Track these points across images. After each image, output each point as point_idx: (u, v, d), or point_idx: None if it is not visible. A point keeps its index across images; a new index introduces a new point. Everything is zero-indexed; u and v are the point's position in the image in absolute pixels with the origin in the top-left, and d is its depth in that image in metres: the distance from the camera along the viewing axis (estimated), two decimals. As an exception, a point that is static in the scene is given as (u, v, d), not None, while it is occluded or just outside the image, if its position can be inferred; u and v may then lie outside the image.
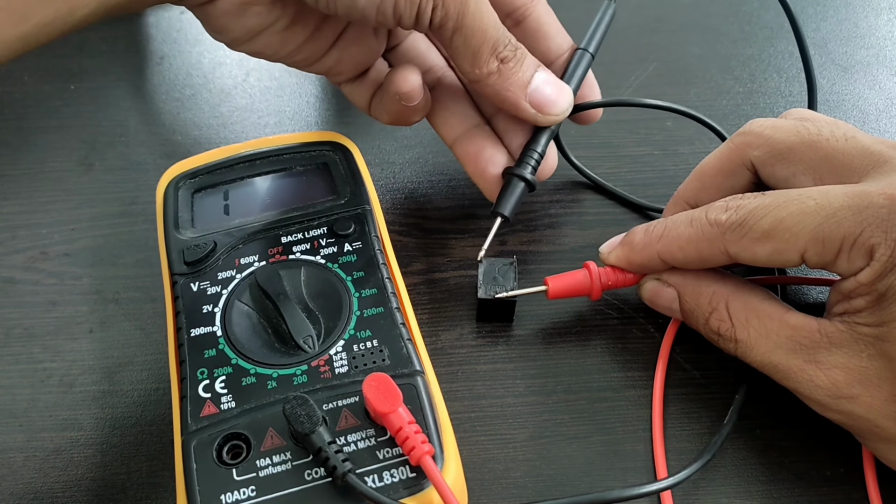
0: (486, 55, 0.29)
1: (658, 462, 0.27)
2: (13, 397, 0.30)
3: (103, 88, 0.43)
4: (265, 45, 0.29)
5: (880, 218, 0.24)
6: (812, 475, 0.27)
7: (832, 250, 0.25)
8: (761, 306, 0.27)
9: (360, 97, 0.33)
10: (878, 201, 0.24)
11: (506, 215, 0.31)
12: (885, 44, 0.45)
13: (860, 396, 0.25)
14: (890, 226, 0.24)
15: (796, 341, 0.26)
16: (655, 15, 0.48)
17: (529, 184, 0.32)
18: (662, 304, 0.30)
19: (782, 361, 0.26)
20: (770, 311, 0.27)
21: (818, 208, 0.25)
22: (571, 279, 0.30)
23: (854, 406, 0.25)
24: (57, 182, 0.38)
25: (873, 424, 0.25)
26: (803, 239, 0.25)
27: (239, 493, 0.23)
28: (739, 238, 0.26)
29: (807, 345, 0.26)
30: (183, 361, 0.26)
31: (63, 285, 0.34)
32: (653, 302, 0.30)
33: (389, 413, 0.23)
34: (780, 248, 0.25)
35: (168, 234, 0.30)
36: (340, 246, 0.29)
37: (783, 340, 0.26)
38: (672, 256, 0.28)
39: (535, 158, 0.32)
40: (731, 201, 0.27)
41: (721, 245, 0.27)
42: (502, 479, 0.28)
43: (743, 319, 0.27)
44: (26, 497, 0.27)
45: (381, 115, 0.33)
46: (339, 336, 0.27)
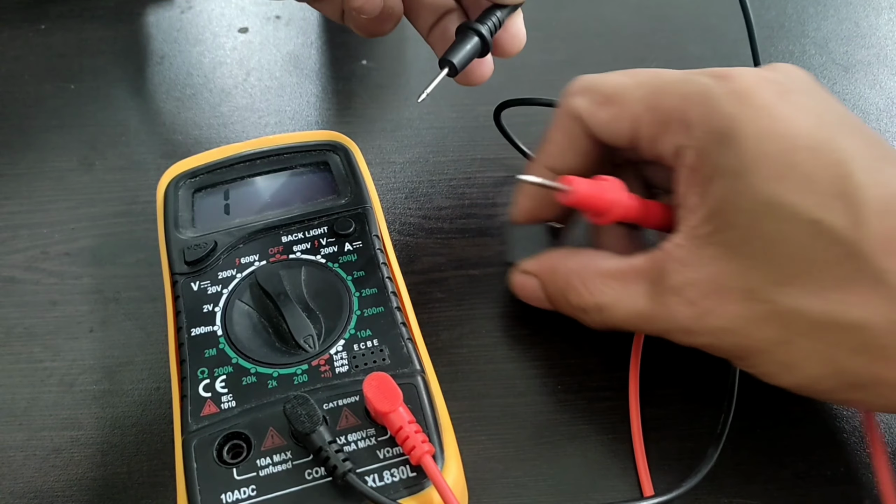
0: None
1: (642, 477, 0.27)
2: (13, 396, 0.30)
3: (104, 88, 0.43)
4: None
5: (699, 92, 0.25)
6: (812, 475, 0.27)
7: (659, 121, 0.26)
8: (611, 265, 0.27)
9: (331, 11, 0.32)
10: (701, 79, 0.25)
11: (453, 62, 0.29)
12: (886, 43, 0.45)
13: (717, 307, 0.24)
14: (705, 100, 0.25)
15: (647, 280, 0.25)
16: (655, 15, 0.48)
17: (483, 38, 0.30)
18: (531, 295, 0.30)
19: (642, 306, 0.26)
20: (618, 266, 0.27)
21: (654, 77, 0.27)
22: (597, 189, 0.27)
23: (716, 320, 0.24)
24: (57, 181, 0.38)
25: (738, 335, 0.24)
26: (638, 105, 0.26)
27: (239, 493, 0.23)
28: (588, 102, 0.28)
29: (658, 278, 0.25)
30: (183, 361, 0.26)
31: (63, 285, 0.34)
32: (523, 295, 0.30)
33: (390, 412, 0.23)
34: (619, 113, 0.27)
35: (168, 234, 0.30)
36: (341, 245, 0.30)
37: (639, 287, 0.26)
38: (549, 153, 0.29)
39: (493, 21, 0.30)
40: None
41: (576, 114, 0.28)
42: (502, 478, 0.28)
43: (599, 286, 0.27)
44: (26, 496, 0.27)
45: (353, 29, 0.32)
46: (339, 335, 0.27)
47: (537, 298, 0.30)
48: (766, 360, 0.24)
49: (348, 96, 0.43)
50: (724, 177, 0.24)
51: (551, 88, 0.42)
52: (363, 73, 0.44)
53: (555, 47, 0.45)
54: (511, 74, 0.33)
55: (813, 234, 0.23)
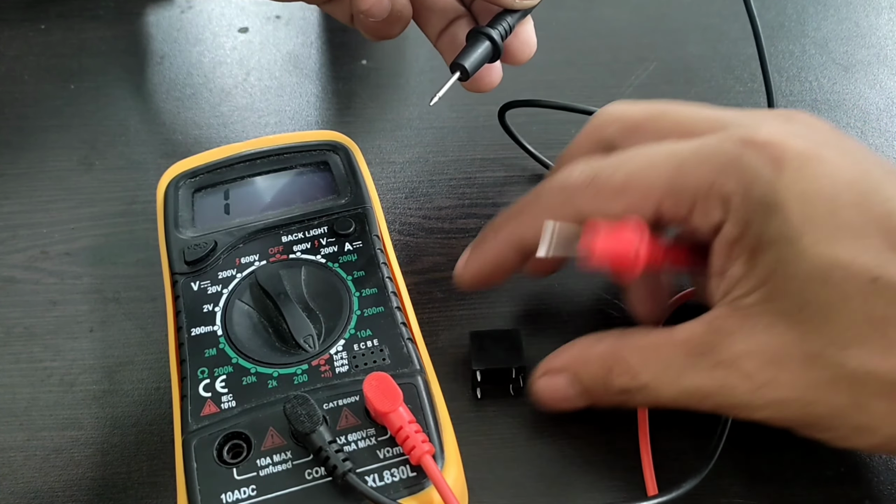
0: None
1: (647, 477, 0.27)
2: (13, 396, 0.30)
3: (104, 88, 0.43)
4: None
5: (730, 163, 0.23)
6: (812, 475, 0.27)
7: (687, 202, 0.24)
8: (648, 340, 0.25)
9: (341, 13, 0.32)
10: (727, 147, 0.24)
11: (464, 66, 0.29)
12: (886, 43, 0.45)
13: (777, 377, 0.23)
14: (741, 170, 0.23)
15: (694, 354, 0.24)
16: (655, 14, 0.48)
17: (494, 43, 0.30)
18: (561, 396, 0.27)
19: (691, 383, 0.24)
20: (658, 340, 0.25)
21: (669, 157, 0.24)
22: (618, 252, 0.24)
23: (777, 391, 0.23)
24: (57, 181, 0.38)
25: (804, 404, 0.23)
26: (658, 190, 0.24)
27: (239, 493, 0.23)
28: (592, 197, 0.25)
29: (704, 351, 0.24)
30: (183, 361, 0.26)
31: (63, 284, 0.34)
32: (552, 400, 0.27)
33: (390, 412, 0.23)
34: (634, 203, 0.24)
35: (168, 234, 0.30)
36: (341, 245, 0.29)
37: (682, 361, 0.24)
38: (522, 235, 0.27)
39: (504, 26, 0.30)
40: (580, 164, 0.26)
41: (573, 208, 0.25)
42: (503, 478, 0.28)
43: (641, 363, 0.25)
44: (26, 496, 0.27)
45: (362, 32, 0.32)
46: (339, 335, 0.27)
47: (567, 398, 0.27)
48: (839, 424, 0.23)
49: (348, 96, 0.43)
50: (772, 246, 0.23)
51: (551, 88, 0.42)
52: (363, 73, 0.44)
53: (555, 47, 0.45)
54: (511, 74, 0.33)
55: (874, 293, 0.22)
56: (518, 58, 0.31)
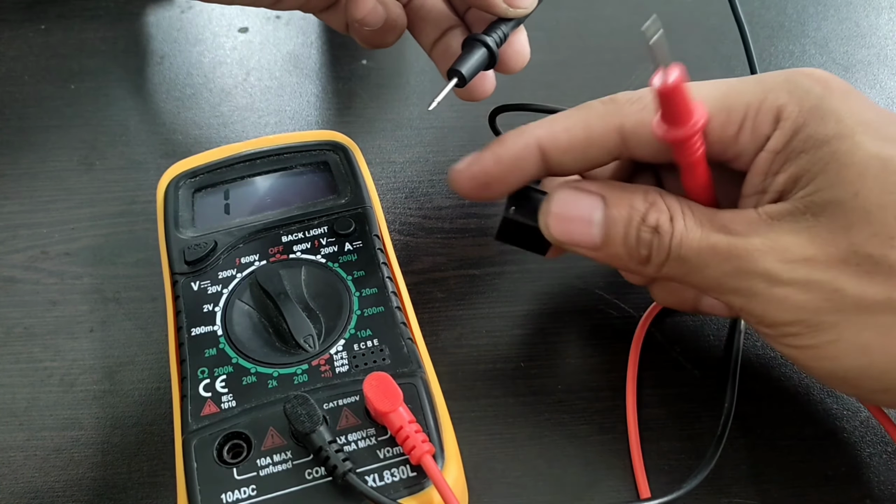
0: None
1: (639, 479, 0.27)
2: (13, 396, 0.30)
3: (104, 88, 0.43)
4: None
5: (781, 82, 0.24)
6: (812, 475, 0.27)
7: (736, 119, 0.24)
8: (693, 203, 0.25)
9: (336, 22, 0.32)
10: (773, 76, 0.25)
11: (461, 72, 0.29)
12: (887, 43, 0.45)
13: (815, 256, 0.22)
14: (794, 87, 0.24)
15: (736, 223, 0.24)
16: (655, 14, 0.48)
17: (490, 50, 0.30)
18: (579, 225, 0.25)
19: (723, 240, 0.23)
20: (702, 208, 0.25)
21: (720, 84, 0.25)
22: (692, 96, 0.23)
23: (811, 269, 0.22)
24: (57, 181, 0.38)
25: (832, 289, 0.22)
26: (708, 107, 0.24)
27: (239, 493, 0.23)
28: (639, 110, 0.25)
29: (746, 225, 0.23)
30: (183, 361, 0.26)
31: (63, 284, 0.34)
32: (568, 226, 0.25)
33: (390, 412, 0.23)
34: None
35: (168, 234, 0.30)
36: (341, 245, 0.29)
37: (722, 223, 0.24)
38: (555, 139, 0.26)
39: (498, 34, 0.30)
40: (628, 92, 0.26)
41: (615, 120, 0.25)
42: (503, 478, 0.28)
43: (681, 209, 0.24)
44: (26, 496, 0.27)
45: (357, 40, 0.32)
46: (339, 335, 0.27)
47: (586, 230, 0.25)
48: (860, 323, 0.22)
49: (348, 96, 0.43)
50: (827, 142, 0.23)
51: (551, 88, 0.42)
52: (363, 73, 0.44)
53: (555, 47, 0.45)
54: (509, 80, 0.33)
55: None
56: (511, 66, 0.32)
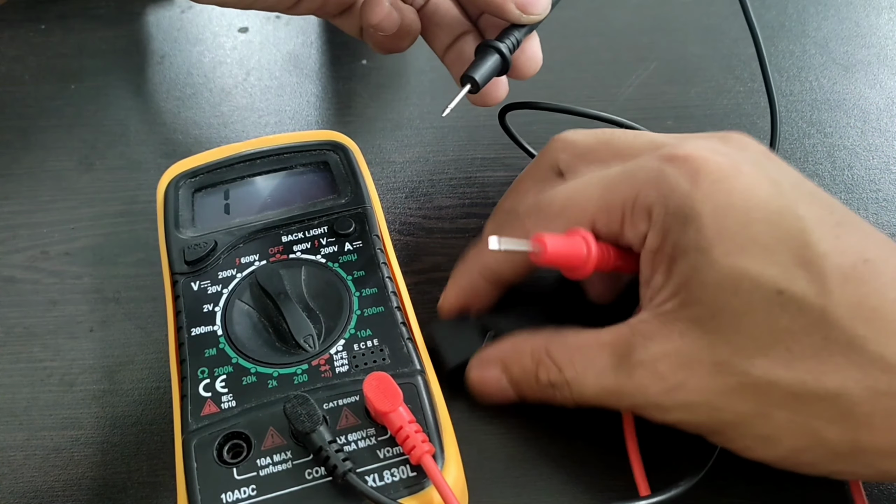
0: None
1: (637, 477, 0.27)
2: (13, 396, 0.30)
3: (104, 88, 0.43)
4: None
5: (651, 178, 0.25)
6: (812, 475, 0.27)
7: (616, 217, 0.26)
8: (578, 339, 0.26)
9: (350, 27, 0.33)
10: (650, 164, 0.25)
11: (475, 78, 0.30)
12: (887, 43, 0.45)
13: (688, 381, 0.23)
14: (659, 183, 0.25)
15: (616, 355, 0.25)
16: (655, 14, 0.48)
17: (503, 56, 0.30)
18: (494, 387, 0.28)
19: (610, 381, 0.25)
20: (586, 340, 0.26)
21: (599, 180, 0.27)
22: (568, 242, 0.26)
23: (686, 395, 0.24)
24: (57, 181, 0.38)
25: (711, 408, 0.23)
26: (590, 210, 0.26)
27: (239, 492, 0.23)
28: (535, 221, 0.27)
29: (625, 352, 0.25)
30: (183, 360, 0.26)
31: (63, 284, 0.34)
32: (484, 391, 0.28)
33: (390, 412, 0.23)
34: (573, 223, 0.27)
35: (169, 234, 0.30)
36: (341, 245, 0.29)
37: (605, 360, 0.25)
38: (485, 263, 0.29)
39: (512, 40, 0.31)
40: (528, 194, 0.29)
41: (521, 232, 0.27)
42: (503, 478, 0.28)
43: (566, 359, 0.26)
44: (26, 495, 0.27)
45: (371, 46, 0.32)
46: (339, 335, 0.27)
47: (500, 389, 0.28)
48: (743, 433, 0.24)
49: (348, 96, 0.43)
50: (687, 254, 0.24)
51: (551, 88, 0.42)
52: (363, 73, 0.44)
53: (555, 47, 0.45)
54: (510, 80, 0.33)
55: (779, 305, 0.23)
56: (524, 72, 0.32)
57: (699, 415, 0.24)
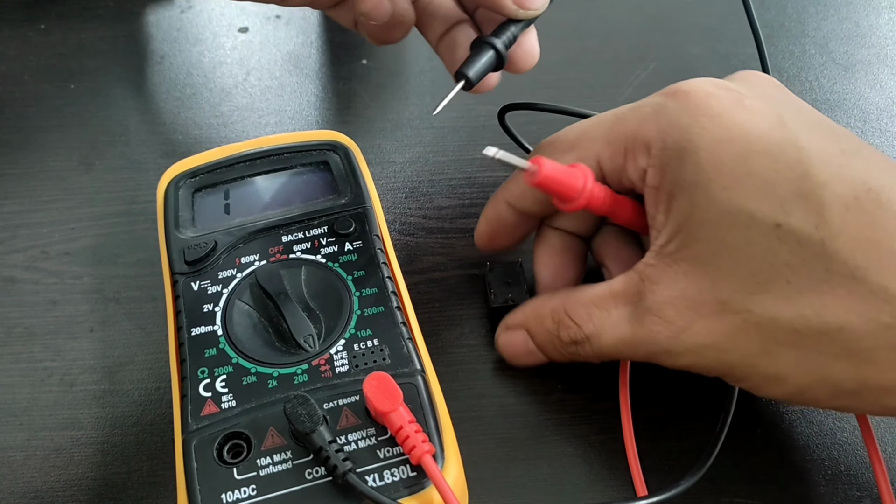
0: None
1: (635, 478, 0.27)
2: (13, 396, 0.30)
3: (104, 88, 0.43)
4: None
5: (653, 112, 0.25)
6: (812, 475, 0.27)
7: (620, 152, 0.25)
8: (592, 293, 0.26)
9: (345, 18, 0.32)
10: (653, 99, 0.25)
11: (468, 76, 0.29)
12: (886, 43, 0.45)
13: (694, 323, 0.23)
14: (660, 118, 0.24)
15: (629, 303, 0.25)
16: (655, 14, 0.48)
17: (498, 53, 0.30)
18: (520, 351, 0.29)
19: (625, 331, 0.25)
20: (600, 292, 0.26)
21: (610, 115, 0.27)
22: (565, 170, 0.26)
23: (694, 337, 0.23)
24: (57, 181, 0.38)
25: (719, 350, 0.23)
26: (598, 143, 0.26)
27: (239, 492, 0.23)
28: (550, 152, 0.27)
29: (636, 300, 0.25)
30: (183, 360, 0.26)
31: (63, 284, 0.34)
32: (513, 354, 0.29)
33: (390, 412, 0.23)
34: (581, 155, 0.26)
35: (169, 234, 0.30)
36: (341, 245, 0.30)
37: (619, 310, 0.25)
38: (510, 193, 0.29)
39: (508, 36, 0.30)
40: None
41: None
42: (503, 478, 0.28)
43: (584, 315, 0.26)
44: (27, 496, 0.27)
45: (366, 37, 0.32)
46: (339, 335, 0.27)
47: (527, 352, 0.28)
48: (752, 373, 0.24)
49: (348, 96, 0.43)
50: (685, 191, 0.23)
51: (551, 88, 0.42)
52: (363, 73, 0.44)
53: (555, 47, 0.45)
54: (511, 79, 0.33)
55: (777, 238, 0.22)
56: (521, 67, 0.32)
57: (708, 358, 0.24)
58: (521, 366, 0.29)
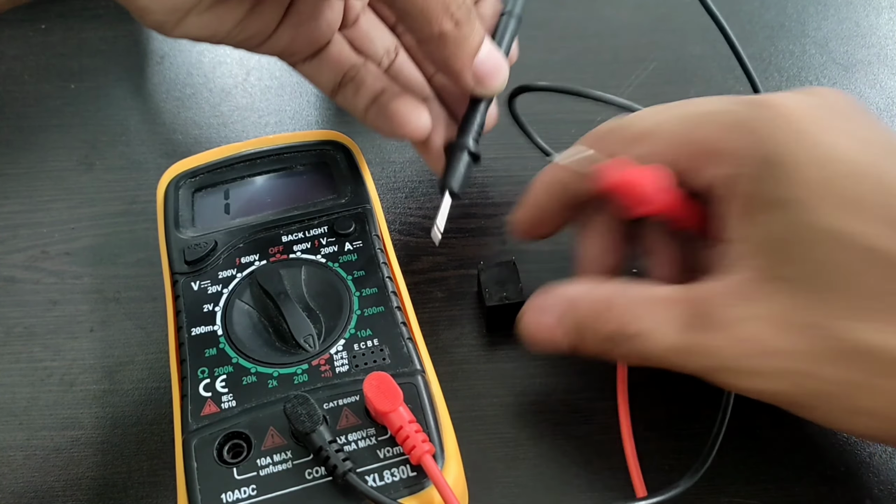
0: (439, 13, 0.27)
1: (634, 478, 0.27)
2: (13, 396, 0.30)
3: (104, 87, 0.43)
4: (200, 25, 0.27)
5: (741, 121, 0.24)
6: (812, 475, 0.27)
7: (701, 154, 0.24)
8: (645, 293, 0.25)
9: (324, 80, 0.31)
10: (738, 107, 0.24)
11: (454, 191, 0.30)
12: (887, 43, 0.45)
13: (774, 345, 0.22)
14: (752, 128, 0.23)
15: (690, 313, 0.23)
16: (655, 14, 0.48)
17: (474, 155, 0.31)
18: (546, 336, 0.27)
19: (680, 339, 0.23)
20: (655, 294, 0.24)
21: (682, 113, 0.25)
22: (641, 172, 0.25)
23: (771, 360, 0.22)
24: (57, 181, 0.38)
25: (801, 376, 0.22)
26: (676, 139, 0.25)
27: (239, 492, 0.23)
28: (618, 140, 0.26)
29: (701, 310, 0.23)
30: (183, 360, 0.26)
31: (64, 284, 0.34)
32: (537, 336, 0.27)
33: (390, 412, 0.23)
34: (654, 149, 0.25)
35: (169, 234, 0.30)
36: (341, 245, 0.30)
37: (677, 317, 0.23)
38: (559, 181, 0.28)
39: (476, 130, 0.31)
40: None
41: (601, 148, 0.26)
42: (503, 478, 0.28)
43: (633, 313, 0.24)
44: (27, 496, 0.27)
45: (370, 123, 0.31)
46: (339, 335, 0.27)
47: (553, 338, 0.26)
48: (833, 405, 0.22)
49: (348, 96, 0.43)
50: (778, 207, 0.22)
51: (551, 88, 0.42)
52: (363, 73, 0.44)
53: (555, 47, 0.45)
54: (511, 74, 0.33)
55: (870, 264, 0.21)
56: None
57: (783, 383, 0.22)
58: (538, 350, 0.28)
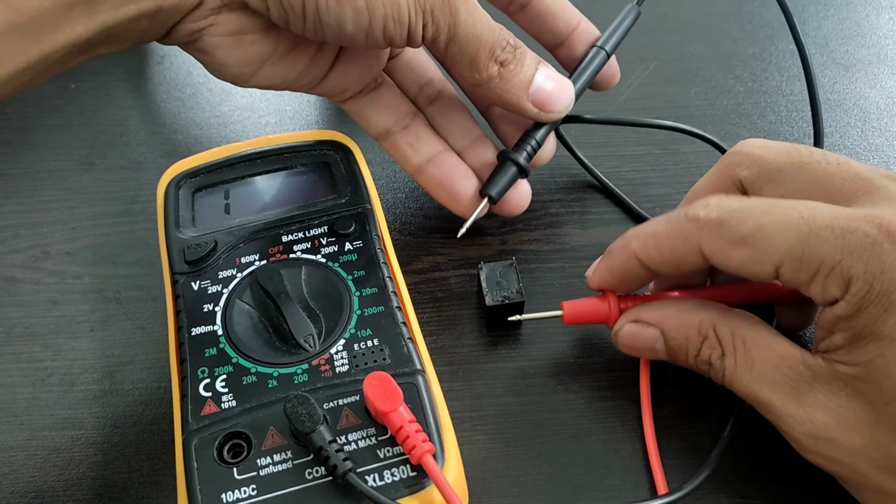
0: (485, 60, 0.28)
1: (656, 474, 0.27)
2: (14, 396, 0.30)
3: (104, 87, 0.43)
4: (271, 75, 0.29)
5: (863, 247, 0.23)
6: (812, 475, 0.27)
7: (808, 271, 0.23)
8: (749, 332, 0.26)
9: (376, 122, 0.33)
10: (865, 228, 0.23)
11: (493, 196, 0.31)
12: (887, 42, 0.45)
13: (839, 439, 0.23)
14: (871, 258, 0.22)
15: (781, 372, 0.25)
16: (656, 14, 0.48)
17: (522, 169, 0.31)
18: (643, 347, 0.28)
19: (764, 393, 0.25)
20: (757, 337, 0.25)
21: (802, 222, 0.23)
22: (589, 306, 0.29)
23: (833, 450, 0.24)
24: (58, 181, 0.38)
25: (853, 470, 0.24)
26: (781, 252, 0.24)
27: (240, 492, 0.23)
28: (716, 238, 0.25)
29: (790, 377, 0.24)
30: (184, 360, 0.26)
31: (64, 284, 0.34)
32: (632, 346, 0.28)
33: (390, 412, 0.23)
34: (755, 257, 0.24)
35: (169, 233, 0.30)
36: (341, 245, 0.30)
37: (768, 370, 0.25)
38: (648, 254, 0.27)
39: (532, 146, 0.31)
40: (713, 199, 0.26)
41: (696, 242, 0.25)
42: (503, 477, 0.28)
43: (731, 345, 0.26)
44: (27, 495, 0.27)
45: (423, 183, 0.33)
46: (339, 335, 0.27)
47: (652, 350, 0.28)
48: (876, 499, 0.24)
49: (348, 96, 0.43)
50: (878, 340, 0.23)
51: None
52: (363, 73, 0.44)
53: (555, 47, 0.45)
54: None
55: None
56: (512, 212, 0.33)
57: (839, 468, 0.24)
58: (633, 356, 0.29)
